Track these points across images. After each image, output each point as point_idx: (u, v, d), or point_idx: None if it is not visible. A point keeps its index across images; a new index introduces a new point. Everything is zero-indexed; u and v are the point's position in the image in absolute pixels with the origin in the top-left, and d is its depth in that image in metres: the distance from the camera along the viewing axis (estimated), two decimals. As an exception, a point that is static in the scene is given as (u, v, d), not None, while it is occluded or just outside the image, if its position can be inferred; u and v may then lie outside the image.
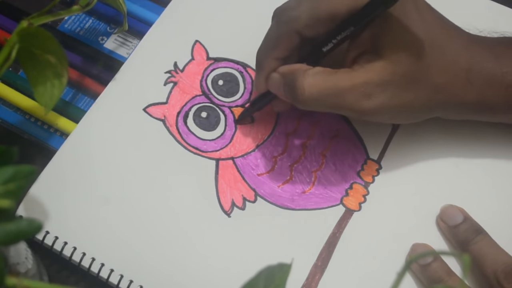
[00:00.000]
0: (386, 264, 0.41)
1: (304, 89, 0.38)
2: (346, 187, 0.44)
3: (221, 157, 0.44)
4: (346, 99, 0.38)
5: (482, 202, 0.43)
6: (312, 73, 0.38)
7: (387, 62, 0.38)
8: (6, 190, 0.28)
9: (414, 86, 0.38)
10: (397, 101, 0.38)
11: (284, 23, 0.40)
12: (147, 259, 0.41)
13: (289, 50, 0.41)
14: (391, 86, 0.38)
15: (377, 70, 0.38)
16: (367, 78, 0.38)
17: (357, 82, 0.38)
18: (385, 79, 0.38)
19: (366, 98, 0.38)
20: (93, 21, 0.51)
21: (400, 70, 0.38)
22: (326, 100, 0.38)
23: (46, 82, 0.40)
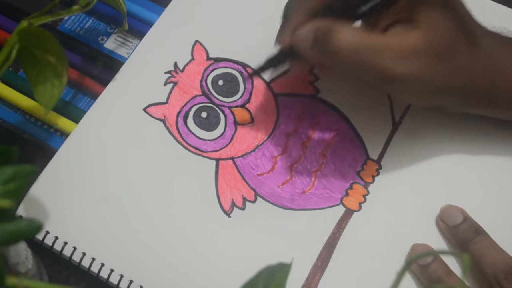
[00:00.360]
0: (386, 264, 0.41)
1: (340, 38, 0.37)
2: (346, 187, 0.44)
3: (221, 157, 0.44)
4: (380, 58, 0.37)
5: (482, 202, 0.43)
6: (348, 27, 0.38)
7: (422, 31, 0.37)
8: (6, 190, 0.28)
9: (443, 61, 0.38)
10: (425, 72, 0.38)
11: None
12: (147, 259, 0.41)
13: (324, 2, 0.39)
14: (425, 55, 0.37)
15: (411, 38, 0.37)
16: (402, 43, 0.37)
17: (393, 45, 0.37)
18: (418, 47, 0.37)
19: (401, 61, 0.37)
20: (93, 21, 0.51)
21: (434, 42, 0.37)
22: (361, 54, 0.37)
23: (46, 82, 0.40)
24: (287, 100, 0.47)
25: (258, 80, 0.47)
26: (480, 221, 0.41)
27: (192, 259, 0.41)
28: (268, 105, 0.46)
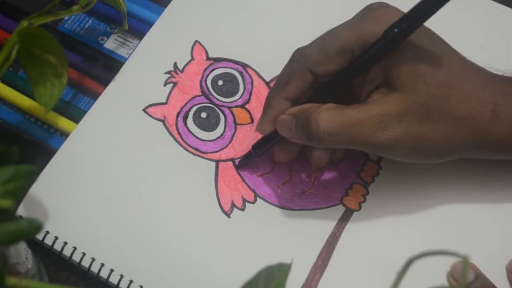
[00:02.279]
0: (386, 264, 0.41)
1: (319, 124, 0.37)
2: (346, 187, 0.44)
3: (221, 158, 0.44)
4: (362, 131, 0.37)
5: (482, 202, 0.43)
6: (325, 108, 0.38)
7: (402, 93, 0.37)
8: (6, 190, 0.28)
9: (432, 118, 0.37)
10: (414, 133, 0.37)
11: (296, 61, 0.40)
12: (147, 259, 0.41)
13: (301, 89, 0.40)
14: (407, 117, 0.37)
15: (391, 101, 0.37)
16: (382, 110, 0.37)
17: (372, 114, 0.37)
18: (400, 110, 0.37)
19: (382, 130, 0.37)
20: (93, 21, 0.51)
21: (416, 100, 0.37)
22: (342, 135, 0.37)
23: (46, 82, 0.40)
24: (287, 100, 0.46)
25: (258, 80, 0.47)
26: (481, 218, 0.41)
27: (192, 259, 0.41)
28: (268, 105, 0.46)
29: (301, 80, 0.39)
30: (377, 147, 0.38)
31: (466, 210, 0.43)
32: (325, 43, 0.39)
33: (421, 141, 0.38)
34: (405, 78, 0.37)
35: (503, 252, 0.42)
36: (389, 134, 0.37)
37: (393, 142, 0.37)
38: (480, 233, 0.42)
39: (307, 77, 0.39)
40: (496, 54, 0.47)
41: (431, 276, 0.40)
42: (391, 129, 0.37)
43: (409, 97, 0.37)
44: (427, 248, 0.26)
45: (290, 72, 0.40)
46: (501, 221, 0.43)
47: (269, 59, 0.48)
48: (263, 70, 0.47)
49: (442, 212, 0.43)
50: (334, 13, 0.49)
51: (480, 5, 0.50)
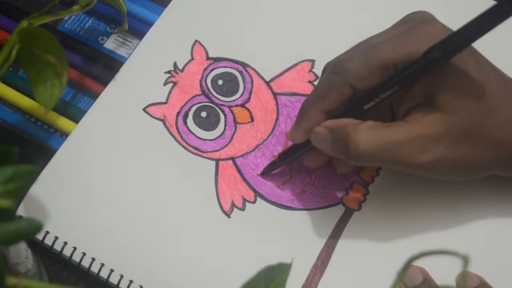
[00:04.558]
0: (386, 264, 0.41)
1: (358, 144, 0.36)
2: (346, 187, 0.44)
3: (221, 157, 0.44)
4: (402, 153, 0.36)
5: (483, 202, 0.43)
6: (364, 128, 0.37)
7: (442, 114, 0.36)
8: (6, 190, 0.28)
9: (472, 140, 0.37)
10: (453, 155, 0.37)
11: (336, 75, 0.39)
12: (147, 259, 0.41)
13: (338, 103, 0.39)
14: (446, 140, 0.36)
15: (432, 123, 0.36)
16: (422, 131, 0.36)
17: (412, 136, 0.36)
18: (440, 132, 0.36)
19: (421, 152, 0.36)
20: (93, 21, 0.51)
21: (456, 123, 0.36)
22: (381, 155, 0.37)
23: (46, 82, 0.40)
24: (287, 99, 0.47)
25: (258, 79, 0.47)
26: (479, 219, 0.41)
27: (192, 259, 0.41)
28: (268, 104, 0.46)
29: (340, 94, 0.39)
30: (416, 168, 0.37)
31: (466, 210, 0.43)
32: (368, 58, 0.38)
33: (459, 163, 0.37)
34: (447, 99, 0.36)
35: (503, 252, 0.42)
36: (428, 156, 0.37)
37: (431, 164, 0.37)
38: (480, 233, 0.42)
39: (347, 91, 0.39)
40: (496, 54, 0.47)
41: (431, 276, 0.40)
42: (429, 151, 0.36)
43: (449, 119, 0.36)
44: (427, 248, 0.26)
45: (329, 85, 0.39)
46: (502, 221, 0.43)
47: (269, 59, 0.48)
48: (263, 70, 0.47)
49: (442, 212, 0.43)
50: (334, 13, 0.50)
51: (480, 5, 0.50)
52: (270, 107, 0.46)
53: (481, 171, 0.39)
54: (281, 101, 0.46)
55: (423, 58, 0.36)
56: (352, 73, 0.38)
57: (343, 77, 0.38)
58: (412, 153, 0.36)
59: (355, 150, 0.37)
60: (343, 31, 0.48)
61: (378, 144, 0.36)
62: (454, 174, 0.39)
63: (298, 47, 0.48)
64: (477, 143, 0.37)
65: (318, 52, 0.48)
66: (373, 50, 0.38)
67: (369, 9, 0.49)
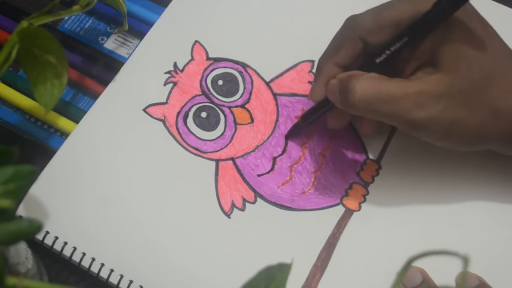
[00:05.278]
0: (386, 264, 0.41)
1: (356, 91, 0.37)
2: (346, 187, 0.44)
3: (221, 158, 0.44)
4: (398, 106, 0.37)
5: (483, 202, 0.43)
6: (366, 77, 0.38)
7: (445, 74, 0.37)
8: (6, 190, 0.28)
9: (470, 104, 0.37)
10: (450, 116, 0.37)
11: (348, 29, 0.40)
12: (147, 259, 0.41)
13: (351, 56, 0.40)
14: (445, 99, 0.37)
15: (432, 81, 0.37)
16: (422, 88, 0.37)
17: (410, 91, 0.37)
18: (440, 91, 0.37)
19: (418, 108, 0.37)
20: (93, 21, 0.51)
21: (457, 84, 0.37)
22: (377, 105, 0.37)
23: (46, 82, 0.40)
24: (287, 100, 0.47)
25: (258, 80, 0.47)
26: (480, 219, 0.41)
27: (192, 259, 0.41)
28: (268, 105, 0.46)
29: (351, 47, 0.40)
30: (410, 125, 0.38)
31: (466, 210, 0.43)
32: (380, 14, 0.39)
33: (455, 126, 0.38)
34: (450, 59, 0.37)
35: (503, 252, 0.42)
36: (424, 113, 0.37)
37: (426, 122, 0.37)
38: (480, 233, 0.42)
39: (358, 44, 0.40)
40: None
41: (431, 276, 0.40)
42: (426, 109, 0.37)
43: (451, 79, 0.37)
44: (427, 248, 0.26)
45: (341, 39, 0.41)
46: (503, 221, 0.43)
47: (269, 59, 0.48)
48: (263, 70, 0.47)
49: (442, 212, 0.43)
50: (334, 14, 0.50)
51: (480, 5, 0.50)
52: (270, 108, 0.46)
53: (478, 141, 0.39)
54: (281, 101, 0.47)
55: (432, 10, 0.37)
56: (363, 27, 0.39)
57: (355, 31, 0.40)
58: (409, 108, 0.37)
59: (353, 96, 0.37)
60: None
61: (376, 94, 0.37)
62: (449, 138, 0.39)
63: (298, 48, 0.48)
64: (475, 107, 0.37)
65: (318, 52, 0.48)
66: (385, 7, 0.39)
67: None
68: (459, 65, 0.37)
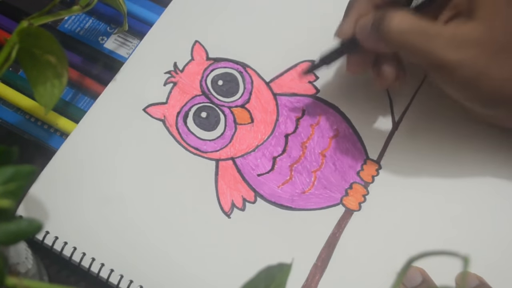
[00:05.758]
0: (386, 264, 0.41)
1: (392, 21, 0.37)
2: (346, 187, 0.44)
3: (221, 158, 0.44)
4: (431, 42, 0.36)
5: (484, 202, 0.43)
6: (403, 11, 0.37)
7: (480, 22, 0.37)
8: (6, 190, 0.28)
9: (501, 56, 0.37)
10: (479, 64, 0.36)
11: None
12: (147, 259, 0.41)
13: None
14: (478, 46, 0.36)
15: (468, 28, 0.37)
16: (456, 31, 0.36)
17: (446, 32, 0.37)
18: (474, 37, 0.36)
19: (452, 48, 0.36)
20: (93, 21, 0.51)
21: (491, 34, 0.36)
22: (411, 38, 0.37)
23: (46, 82, 0.40)
24: (287, 100, 0.47)
25: (258, 80, 0.47)
26: (480, 219, 0.41)
27: (192, 259, 0.41)
28: (268, 105, 0.46)
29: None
30: (439, 64, 0.37)
31: (466, 210, 0.43)
32: None
33: (482, 76, 0.37)
34: (487, 11, 0.37)
35: (503, 252, 0.42)
36: (457, 54, 0.36)
37: (456, 64, 0.37)
38: (481, 234, 0.42)
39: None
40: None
41: (431, 276, 0.40)
42: (460, 51, 0.36)
43: (486, 28, 0.36)
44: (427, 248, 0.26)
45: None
46: (503, 221, 0.43)
47: (269, 59, 0.48)
48: (263, 70, 0.47)
49: (442, 212, 0.43)
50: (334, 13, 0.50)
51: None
52: (270, 108, 0.46)
53: (498, 100, 0.38)
54: (281, 101, 0.46)
55: None
56: None
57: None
58: (442, 46, 0.36)
59: (388, 25, 0.37)
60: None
61: (412, 25, 0.37)
62: (471, 89, 0.38)
63: (298, 48, 0.48)
64: (506, 61, 0.37)
65: (318, 52, 0.48)
66: None
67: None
68: (495, 17, 0.37)
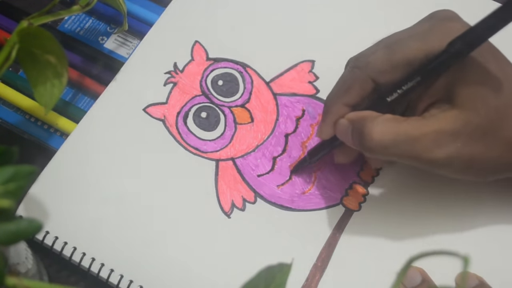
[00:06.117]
0: (386, 264, 0.41)
1: (373, 135, 0.37)
2: (346, 187, 0.44)
3: (221, 158, 0.44)
4: (416, 147, 0.36)
5: (483, 202, 0.43)
6: (381, 120, 0.37)
7: (461, 111, 0.36)
8: (6, 190, 0.28)
9: (488, 138, 0.37)
10: (469, 153, 0.37)
11: (359, 69, 0.39)
12: (147, 259, 0.41)
13: (361, 96, 0.39)
14: (463, 136, 0.36)
15: (449, 119, 0.36)
16: (439, 127, 0.36)
17: (428, 131, 0.36)
18: (457, 128, 0.36)
19: (437, 147, 0.36)
20: (93, 21, 0.51)
21: (474, 120, 0.36)
22: (395, 148, 0.37)
23: (46, 82, 0.40)
24: (287, 100, 0.47)
25: (258, 80, 0.47)
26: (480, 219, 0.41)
27: (192, 259, 0.41)
28: (268, 105, 0.46)
29: (362, 88, 0.39)
30: (430, 164, 0.37)
31: (467, 210, 0.43)
32: (392, 53, 0.38)
33: (474, 161, 0.37)
34: (466, 96, 0.36)
35: (503, 252, 0.42)
36: (443, 152, 0.36)
37: (446, 160, 0.37)
38: (480, 233, 0.42)
39: (369, 85, 0.39)
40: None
41: (431, 276, 0.40)
42: (445, 147, 0.36)
43: (467, 116, 0.36)
44: (427, 248, 0.26)
45: (351, 79, 0.39)
46: (503, 221, 0.43)
47: (269, 59, 0.48)
48: (263, 70, 0.47)
49: (442, 212, 0.43)
50: (334, 13, 0.50)
51: (481, 5, 0.50)
52: (270, 108, 0.46)
53: (496, 172, 0.39)
54: (281, 101, 0.47)
55: (447, 50, 0.36)
56: (374, 67, 0.38)
57: (365, 70, 0.39)
58: (427, 148, 0.36)
59: (370, 142, 0.37)
60: (343, 31, 0.48)
61: (393, 137, 0.37)
62: (468, 172, 0.38)
63: (298, 48, 0.48)
64: (492, 142, 0.37)
65: (318, 52, 0.48)
66: (396, 46, 0.38)
67: (370, 10, 0.49)
68: (475, 101, 0.36)
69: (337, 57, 0.44)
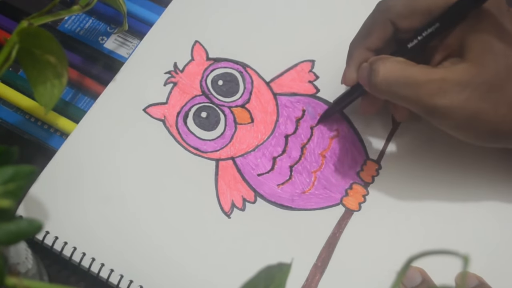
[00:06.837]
0: (386, 264, 0.41)
1: (380, 72, 0.37)
2: (346, 187, 0.44)
3: (221, 157, 0.44)
4: (420, 91, 0.37)
5: (483, 201, 0.43)
6: (392, 60, 0.38)
7: (471, 64, 0.37)
8: (6, 190, 0.28)
9: (494, 97, 0.37)
10: (472, 106, 0.37)
11: (379, 12, 0.40)
12: (147, 259, 0.41)
13: (382, 40, 0.40)
14: (469, 89, 0.36)
15: (458, 70, 0.37)
16: (446, 75, 0.36)
17: (434, 77, 0.36)
18: (464, 80, 0.36)
19: (440, 95, 0.36)
20: (93, 21, 0.51)
21: (482, 75, 0.36)
22: (398, 88, 0.37)
23: (46, 82, 0.40)
24: (287, 100, 0.47)
25: (258, 80, 0.47)
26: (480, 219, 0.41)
27: (192, 259, 0.41)
28: (268, 105, 0.46)
29: (382, 31, 0.40)
30: (430, 111, 0.37)
31: (466, 210, 0.43)
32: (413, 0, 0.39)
33: (476, 117, 0.37)
34: (478, 51, 0.37)
35: (503, 252, 0.42)
36: (446, 100, 0.36)
37: (447, 109, 0.37)
38: (480, 233, 0.42)
39: (389, 28, 0.40)
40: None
41: (431, 276, 0.40)
42: (449, 96, 0.36)
43: (476, 70, 0.36)
44: (427, 248, 0.26)
45: (372, 22, 0.41)
46: (503, 221, 0.43)
47: (269, 59, 0.48)
48: (263, 70, 0.47)
49: (442, 212, 0.43)
50: (334, 13, 0.50)
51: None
52: (270, 108, 0.46)
53: (496, 137, 0.38)
54: (281, 101, 0.46)
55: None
56: (394, 10, 0.39)
57: (385, 14, 0.39)
58: (431, 94, 0.36)
59: (375, 77, 0.37)
60: (343, 31, 0.48)
61: (399, 76, 0.37)
62: (469, 129, 0.38)
63: (298, 47, 0.48)
64: (499, 101, 0.37)
65: (318, 52, 0.48)
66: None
67: (369, 10, 0.49)
68: (486, 57, 0.37)
69: (337, 57, 0.44)
